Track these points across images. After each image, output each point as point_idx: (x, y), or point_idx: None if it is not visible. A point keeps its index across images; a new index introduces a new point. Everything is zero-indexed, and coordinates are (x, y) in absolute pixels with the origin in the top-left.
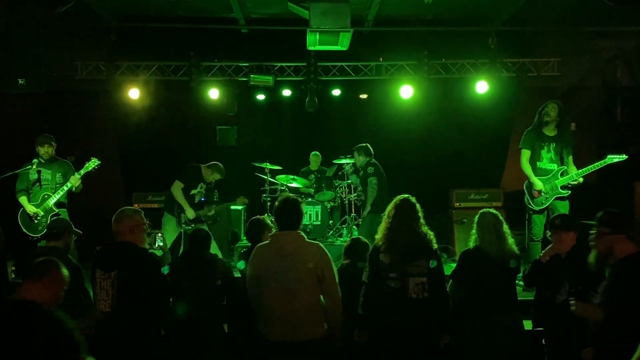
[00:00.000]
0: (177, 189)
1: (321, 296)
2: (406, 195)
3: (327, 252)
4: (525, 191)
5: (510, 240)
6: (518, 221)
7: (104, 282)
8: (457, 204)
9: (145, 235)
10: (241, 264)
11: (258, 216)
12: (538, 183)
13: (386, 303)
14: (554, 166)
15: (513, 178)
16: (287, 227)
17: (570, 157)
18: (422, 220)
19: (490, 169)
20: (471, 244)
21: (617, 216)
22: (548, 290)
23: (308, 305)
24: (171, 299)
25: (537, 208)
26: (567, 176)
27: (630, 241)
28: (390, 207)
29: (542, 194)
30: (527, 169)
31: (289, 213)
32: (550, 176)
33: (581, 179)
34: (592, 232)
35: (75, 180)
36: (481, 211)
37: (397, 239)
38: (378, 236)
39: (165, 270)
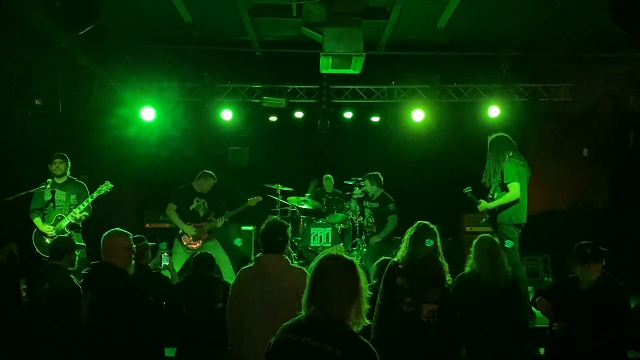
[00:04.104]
0: (170, 210)
1: None
2: (429, 223)
3: None
4: None
5: (507, 268)
6: (528, 247)
7: (84, 301)
8: (468, 229)
9: (131, 257)
10: None
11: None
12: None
13: (399, 326)
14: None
15: None
16: (271, 251)
17: (502, 190)
18: (440, 250)
19: None
20: (467, 268)
21: None
22: (564, 322)
23: None
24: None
25: None
26: None
27: None
28: (412, 231)
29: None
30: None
31: (274, 236)
32: None
33: (483, 207)
34: None
35: (73, 216)
36: (480, 236)
37: (416, 265)
38: (397, 257)
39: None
